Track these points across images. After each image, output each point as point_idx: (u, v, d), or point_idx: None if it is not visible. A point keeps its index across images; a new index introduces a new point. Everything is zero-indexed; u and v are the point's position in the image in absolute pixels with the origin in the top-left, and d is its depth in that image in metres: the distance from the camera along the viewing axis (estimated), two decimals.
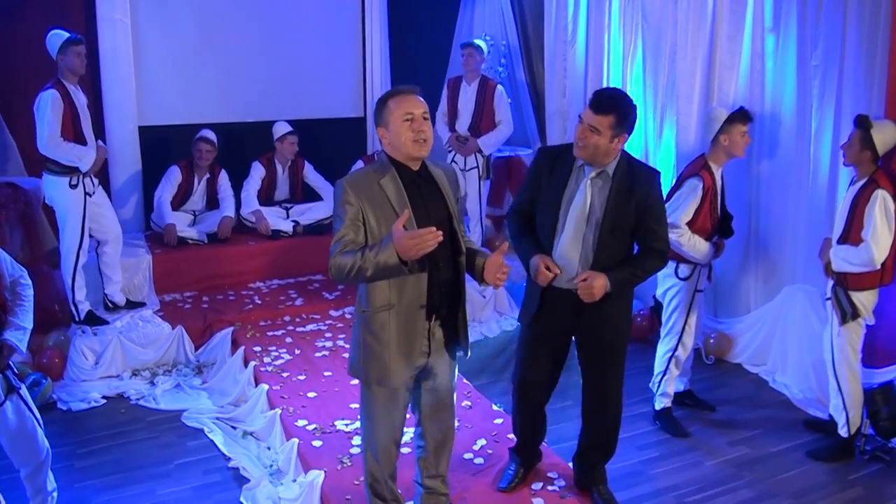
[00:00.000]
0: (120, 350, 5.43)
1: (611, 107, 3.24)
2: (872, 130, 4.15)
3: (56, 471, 4.22)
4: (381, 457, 3.26)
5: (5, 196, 5.40)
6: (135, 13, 6.37)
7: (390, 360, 3.09)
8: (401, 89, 3.09)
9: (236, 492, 4.13)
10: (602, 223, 3.36)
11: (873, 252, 4.09)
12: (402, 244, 2.83)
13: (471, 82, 6.52)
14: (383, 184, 3.03)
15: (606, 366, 3.61)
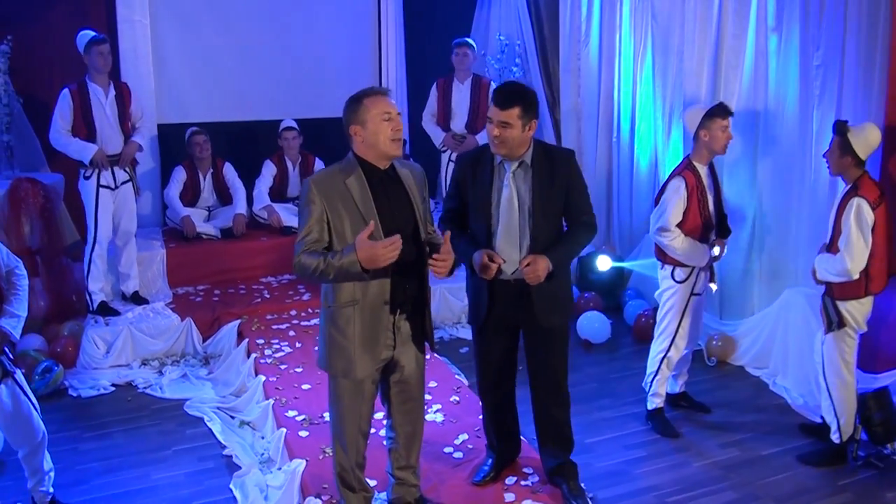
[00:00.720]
0: (130, 340, 5.62)
1: (515, 99, 3.36)
2: (849, 135, 4.07)
3: (59, 453, 4.45)
4: (349, 447, 3.35)
5: (24, 190, 5.64)
6: (154, 14, 6.59)
7: (354, 354, 3.18)
8: (375, 89, 3.17)
9: (227, 478, 4.26)
10: (532, 211, 3.48)
11: (847, 263, 4.01)
12: (365, 254, 2.94)
13: (463, 81, 6.58)
14: (349, 183, 3.12)
15: (551, 351, 3.68)
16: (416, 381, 3.41)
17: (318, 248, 3.08)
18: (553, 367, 3.70)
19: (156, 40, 6.64)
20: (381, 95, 3.15)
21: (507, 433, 3.95)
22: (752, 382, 5.47)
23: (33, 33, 6.05)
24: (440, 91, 6.67)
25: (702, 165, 4.57)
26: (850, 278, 4.08)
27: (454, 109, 6.58)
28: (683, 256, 4.54)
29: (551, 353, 3.68)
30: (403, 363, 3.33)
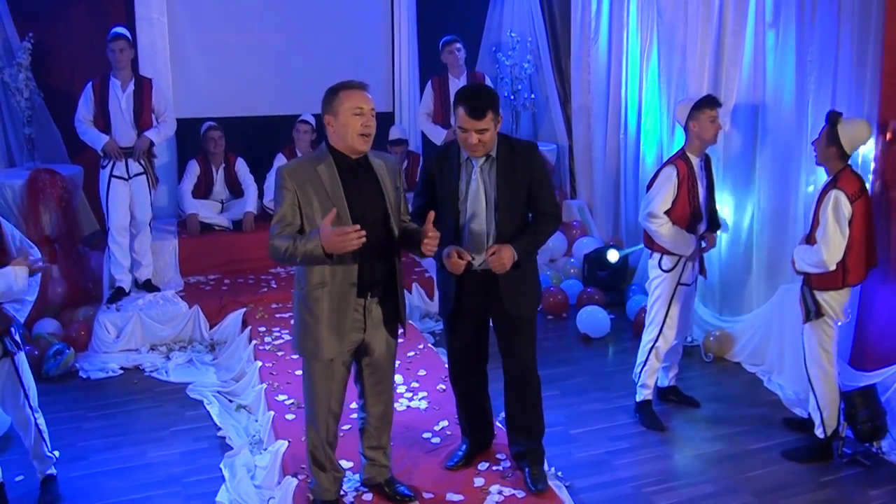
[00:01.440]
0: (140, 326, 5.84)
1: (487, 106, 3.43)
2: (839, 126, 4.10)
3: (63, 430, 4.68)
4: (320, 427, 3.47)
5: (43, 181, 5.89)
6: (171, 12, 6.80)
7: (322, 336, 3.30)
8: (353, 82, 3.28)
9: (219, 458, 4.42)
10: (497, 202, 3.55)
11: (823, 254, 4.02)
12: (328, 240, 3.07)
13: (459, 76, 6.67)
14: (319, 171, 3.25)
15: (519, 339, 3.76)
16: (386, 363, 3.52)
17: (290, 231, 3.22)
18: (521, 355, 3.78)
19: (173, 37, 6.85)
20: (359, 90, 3.26)
21: (479, 421, 4.03)
22: (748, 379, 5.46)
23: (55, 30, 6.31)
24: (437, 89, 6.76)
25: (695, 157, 4.61)
26: (827, 269, 4.09)
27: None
28: (670, 244, 4.58)
29: (519, 341, 3.75)
30: (374, 346, 3.44)
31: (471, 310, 3.71)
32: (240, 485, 4.09)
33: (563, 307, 6.54)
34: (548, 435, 4.58)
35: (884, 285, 4.60)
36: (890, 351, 4.57)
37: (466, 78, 6.68)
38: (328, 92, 3.27)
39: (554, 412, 4.99)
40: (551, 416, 4.88)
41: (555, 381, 5.44)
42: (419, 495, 3.72)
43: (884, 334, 4.64)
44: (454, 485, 3.79)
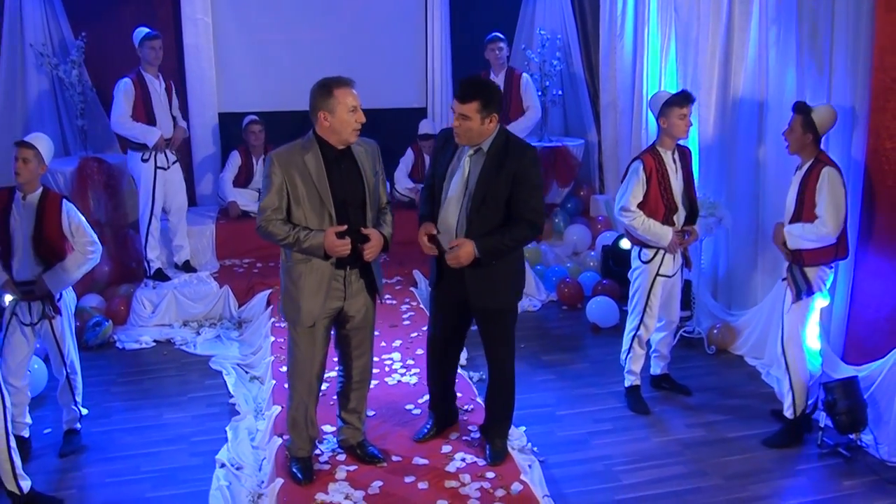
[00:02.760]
0: (174, 303, 6.31)
1: (474, 94, 3.60)
2: (813, 114, 4.24)
3: (94, 392, 5.15)
4: (302, 388, 3.81)
5: (91, 168, 6.43)
6: (216, 12, 7.28)
7: (305, 303, 3.64)
8: (343, 80, 3.59)
9: (227, 422, 4.80)
10: (474, 194, 3.69)
11: (829, 225, 4.16)
12: (331, 247, 3.51)
13: (498, 73, 6.84)
14: (307, 159, 3.58)
15: (488, 331, 3.95)
16: (364, 330, 3.85)
17: (278, 214, 3.57)
18: (491, 347, 3.99)
19: (217, 36, 7.33)
20: (349, 87, 3.56)
21: (442, 403, 4.28)
22: (747, 371, 5.51)
23: (106, 30, 6.86)
24: None
25: (665, 150, 4.71)
26: (832, 240, 4.25)
27: None
28: (646, 236, 4.71)
29: (489, 333, 3.96)
30: (353, 314, 3.77)
31: (450, 296, 3.93)
32: (240, 445, 4.46)
33: (579, 298, 6.69)
34: (535, 414, 4.87)
35: (874, 281, 4.63)
36: (877, 346, 4.60)
37: (505, 75, 6.88)
38: (320, 88, 3.55)
39: (546, 394, 5.21)
40: (542, 398, 5.14)
41: (555, 366, 5.64)
42: (388, 458, 4.02)
43: (873, 330, 4.67)
44: (422, 451, 4.08)
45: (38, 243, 4.19)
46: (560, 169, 7.55)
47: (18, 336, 4.26)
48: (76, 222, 4.29)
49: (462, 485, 3.80)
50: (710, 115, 5.87)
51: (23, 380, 4.33)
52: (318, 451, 4.10)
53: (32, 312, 4.26)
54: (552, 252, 7.43)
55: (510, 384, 4.08)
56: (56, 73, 6.56)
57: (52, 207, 4.21)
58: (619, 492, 4.11)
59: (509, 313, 3.96)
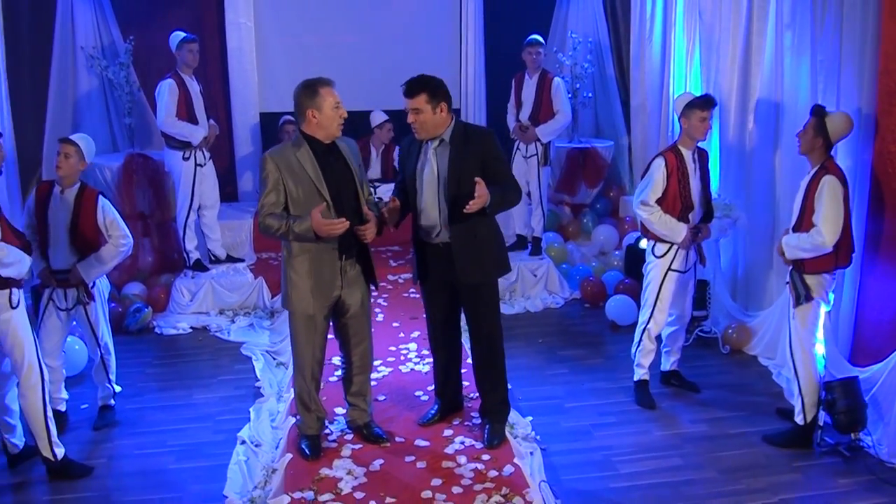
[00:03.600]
0: (211, 292, 6.65)
1: (419, 88, 3.89)
2: (827, 119, 4.27)
3: (130, 373, 5.52)
4: (305, 372, 4.09)
5: (136, 164, 6.83)
6: (258, 17, 7.64)
7: (306, 293, 3.91)
8: (325, 80, 3.87)
9: (251, 404, 5.10)
10: (448, 182, 3.96)
11: (824, 235, 4.20)
12: (318, 227, 3.72)
13: (532, 75, 7.00)
14: (299, 156, 3.85)
15: (477, 306, 4.17)
16: (363, 317, 4.10)
17: (276, 209, 3.84)
18: (480, 322, 4.20)
19: (259, 40, 7.68)
20: (331, 87, 3.87)
21: (448, 388, 4.50)
22: (759, 371, 5.57)
23: (154, 33, 7.25)
24: (516, 84, 7.15)
25: (686, 150, 4.85)
26: (827, 250, 4.27)
27: (523, 101, 7.04)
28: (660, 232, 4.84)
29: (477, 308, 4.18)
30: (350, 303, 4.02)
31: (438, 281, 4.18)
32: (261, 425, 4.76)
33: (601, 296, 6.81)
34: (542, 406, 5.04)
35: (881, 284, 4.67)
36: (882, 348, 4.64)
37: (538, 78, 7.06)
38: (306, 89, 3.84)
39: (556, 387, 5.36)
40: (552, 390, 5.31)
41: (569, 360, 5.79)
42: (392, 439, 4.26)
43: (878, 332, 4.71)
44: (425, 433, 4.31)
45: (74, 235, 4.53)
46: (588, 170, 7.69)
47: (54, 320, 4.63)
48: (111, 217, 4.63)
49: (458, 465, 4.02)
50: (731, 117, 5.95)
51: (58, 360, 4.69)
52: (328, 431, 4.37)
53: (68, 298, 4.61)
54: (579, 251, 7.57)
55: (500, 360, 4.29)
56: (105, 74, 6.99)
57: (88, 202, 4.55)
58: (614, 480, 4.26)
59: (494, 286, 4.23)
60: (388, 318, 6.09)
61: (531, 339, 6.17)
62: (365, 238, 3.89)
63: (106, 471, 4.35)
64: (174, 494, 4.13)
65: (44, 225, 4.52)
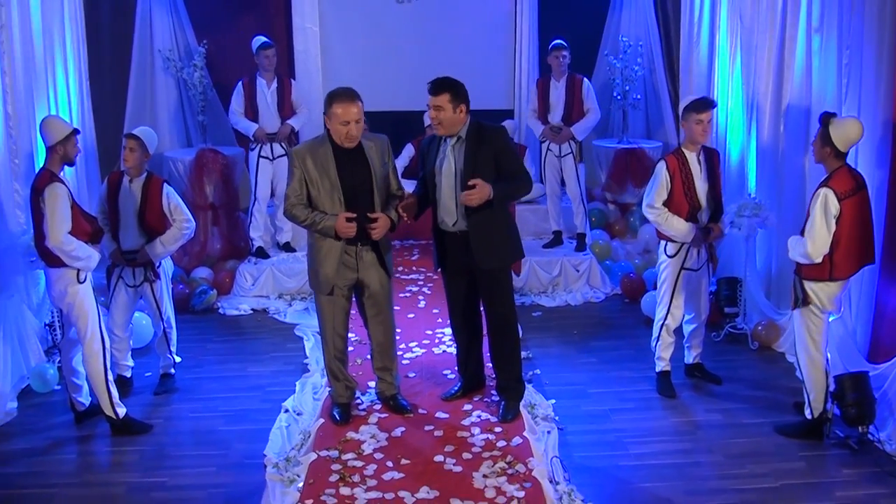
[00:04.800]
0: (272, 277, 7.18)
1: (443, 87, 4.24)
2: (831, 126, 4.38)
3: (192, 347, 6.07)
4: (330, 345, 4.53)
5: (207, 158, 7.41)
6: (322, 22, 8.13)
7: (325, 275, 4.35)
8: (345, 97, 4.22)
9: (298, 378, 5.56)
10: (464, 176, 4.30)
11: (808, 247, 4.34)
12: (340, 228, 4.20)
13: (559, 79, 7.28)
14: (321, 152, 4.30)
15: (492, 290, 4.49)
16: (382, 298, 4.50)
17: (300, 199, 4.30)
18: (495, 305, 4.52)
19: (324, 43, 8.17)
20: (347, 104, 4.20)
21: (470, 368, 4.85)
22: (785, 367, 5.69)
23: (226, 37, 7.85)
24: (539, 89, 7.45)
25: (689, 152, 5.04)
26: (811, 261, 4.41)
27: (552, 105, 7.34)
28: (669, 232, 5.05)
29: (493, 292, 4.51)
30: (369, 283, 4.44)
31: (456, 267, 4.54)
32: (304, 396, 5.22)
33: (640, 292, 7.00)
34: (566, 390, 5.34)
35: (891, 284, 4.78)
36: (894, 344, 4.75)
37: (566, 81, 7.34)
38: (327, 98, 4.27)
39: (582, 374, 5.63)
40: (578, 377, 5.59)
41: (599, 351, 6.03)
42: (415, 410, 4.66)
43: (893, 328, 4.82)
44: (446, 407, 4.70)
45: (142, 220, 5.08)
46: (635, 170, 7.88)
47: (123, 295, 5.20)
48: (175, 203, 5.17)
49: (471, 435, 4.38)
50: (766, 119, 6.10)
51: (125, 331, 5.27)
52: (359, 401, 4.81)
53: (136, 276, 5.16)
54: (623, 249, 7.78)
55: (514, 340, 4.61)
56: (180, 75, 7.62)
57: (154, 190, 5.10)
58: (622, 459, 4.52)
59: (508, 272, 4.55)
60: (430, 305, 6.48)
61: (567, 330, 6.44)
62: (372, 234, 4.29)
63: (162, 429, 4.88)
64: (220, 451, 4.62)
65: (115, 211, 5.09)
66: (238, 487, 4.25)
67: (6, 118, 5.34)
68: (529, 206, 7.97)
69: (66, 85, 6.32)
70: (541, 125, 7.46)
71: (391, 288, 4.58)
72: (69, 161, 4.62)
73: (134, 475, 4.39)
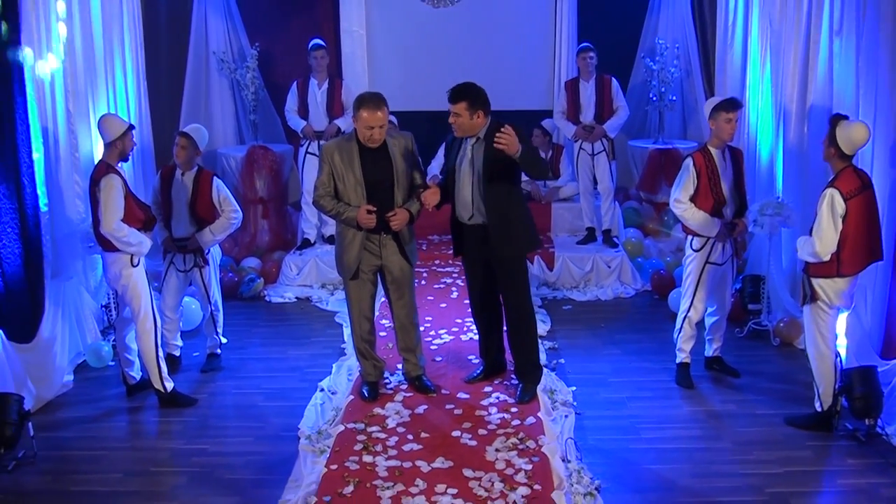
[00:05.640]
0: (315, 268, 7.58)
1: (460, 96, 4.54)
2: (838, 128, 4.55)
3: (239, 330, 6.49)
4: (356, 326, 4.90)
5: (258, 154, 7.86)
6: (369, 26, 8.54)
7: (349, 261, 4.73)
8: (371, 104, 4.56)
9: (335, 360, 5.92)
10: (482, 173, 4.59)
11: (816, 245, 4.52)
12: (361, 219, 4.57)
13: (588, 80, 7.50)
14: (349, 149, 4.66)
15: (509, 277, 4.77)
16: (404, 282, 4.86)
17: (328, 191, 4.68)
18: (511, 292, 4.81)
19: (370, 46, 8.57)
20: (373, 110, 4.55)
21: (491, 351, 5.15)
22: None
23: (277, 39, 8.29)
24: (569, 91, 7.69)
25: (715, 149, 5.24)
26: (819, 259, 4.58)
27: (582, 105, 7.57)
28: (694, 226, 5.25)
29: (509, 279, 4.80)
30: (391, 268, 4.81)
31: (474, 256, 4.84)
32: (339, 377, 5.58)
33: (670, 288, 7.17)
34: (587, 378, 5.59)
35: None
36: None
37: (595, 82, 7.55)
38: (356, 99, 4.64)
39: (604, 364, 5.86)
40: (600, 366, 5.82)
41: (624, 343, 6.25)
42: (439, 391, 5.00)
43: None
44: (468, 389, 5.04)
45: (193, 210, 5.51)
46: (669, 170, 8.03)
47: (174, 279, 5.64)
48: (223, 194, 5.58)
49: (488, 414, 4.69)
50: (792, 121, 6.23)
51: (176, 313, 5.73)
52: (387, 380, 5.16)
53: (186, 262, 5.60)
54: (656, 247, 7.96)
55: (530, 326, 4.89)
56: (234, 76, 8.08)
57: (204, 183, 5.52)
58: (634, 443, 4.75)
59: (523, 261, 4.84)
60: (462, 296, 6.77)
61: (595, 323, 6.67)
62: (392, 225, 4.63)
63: (207, 403, 5.31)
64: (258, 424, 5.01)
65: (167, 201, 5.53)
66: (273, 456, 4.62)
67: (68, 116, 5.82)
68: (565, 203, 8.22)
69: (124, 85, 6.80)
70: (571, 125, 7.69)
71: (412, 274, 4.92)
72: (125, 154, 5.06)
73: (178, 442, 4.82)
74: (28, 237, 5.16)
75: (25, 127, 5.14)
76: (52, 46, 5.58)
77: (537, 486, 3.95)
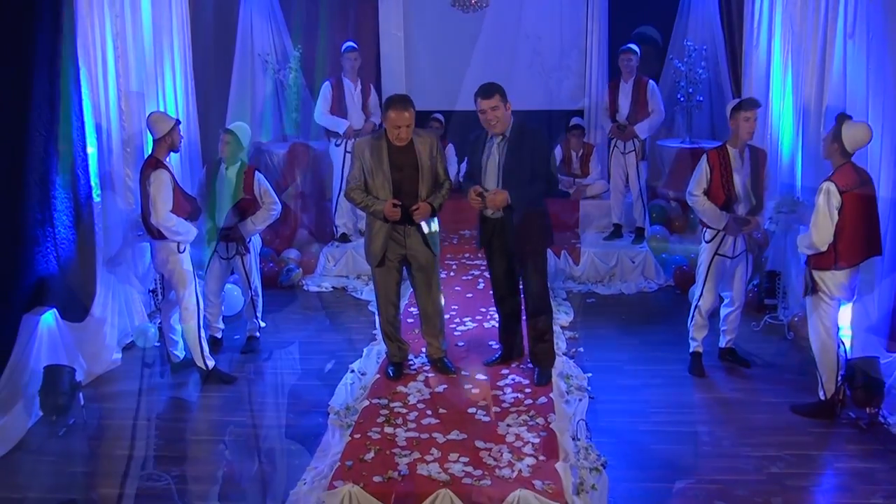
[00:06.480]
0: (352, 259, 7.96)
1: (494, 89, 4.88)
2: (844, 126, 4.76)
3: (277, 318, 6.90)
4: (383, 311, 5.29)
5: (298, 151, 8.29)
6: (407, 28, 8.91)
7: (375, 249, 5.11)
8: (399, 105, 4.95)
9: (366, 345, 6.28)
10: (506, 171, 4.93)
11: (813, 236, 4.75)
12: (387, 212, 4.93)
13: (627, 80, 7.73)
14: (377, 147, 5.03)
15: (527, 269, 5.08)
16: (427, 271, 5.20)
17: (358, 185, 5.05)
18: (530, 282, 5.12)
19: (407, 47, 8.94)
20: (400, 111, 4.92)
21: (510, 337, 5.47)
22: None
23: (318, 41, 8.71)
24: (611, 89, 7.95)
25: (733, 148, 5.47)
26: (818, 250, 4.80)
27: (620, 104, 7.81)
28: (705, 218, 5.51)
29: (528, 270, 5.11)
30: (417, 257, 5.16)
31: (496, 248, 5.16)
32: (369, 360, 5.94)
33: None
34: (603, 365, 5.87)
35: None
36: None
37: (633, 83, 7.79)
38: (386, 100, 5.04)
39: (621, 353, 6.12)
40: (617, 355, 6.09)
41: (642, 334, 6.49)
42: (459, 372, 5.34)
43: None
44: (486, 371, 5.36)
45: (236, 201, 5.91)
46: None
47: (217, 266, 6.07)
48: (264, 188, 5.99)
49: (503, 394, 5.02)
50: (811, 121, 6.40)
51: (218, 297, 6.16)
52: (411, 362, 5.51)
53: (229, 250, 6.01)
54: (682, 244, 8.16)
55: (546, 314, 5.18)
56: (277, 76, 8.51)
57: (247, 176, 5.94)
58: (641, 425, 5.02)
59: (542, 254, 5.15)
60: (487, 287, 6.94)
61: (616, 315, 6.93)
62: (414, 217, 5.00)
63: (244, 381, 5.73)
64: (292, 401, 5.42)
65: (212, 193, 5.95)
66: (304, 429, 5.02)
67: (120, 114, 6.26)
68: (593, 201, 8.48)
69: (173, 85, 7.22)
70: (610, 123, 7.95)
71: (436, 264, 5.26)
72: (174, 148, 5.48)
73: (217, 414, 5.26)
74: (82, 225, 5.60)
75: (80, 123, 5.57)
76: (106, 48, 6.01)
77: (542, 457, 4.27)
